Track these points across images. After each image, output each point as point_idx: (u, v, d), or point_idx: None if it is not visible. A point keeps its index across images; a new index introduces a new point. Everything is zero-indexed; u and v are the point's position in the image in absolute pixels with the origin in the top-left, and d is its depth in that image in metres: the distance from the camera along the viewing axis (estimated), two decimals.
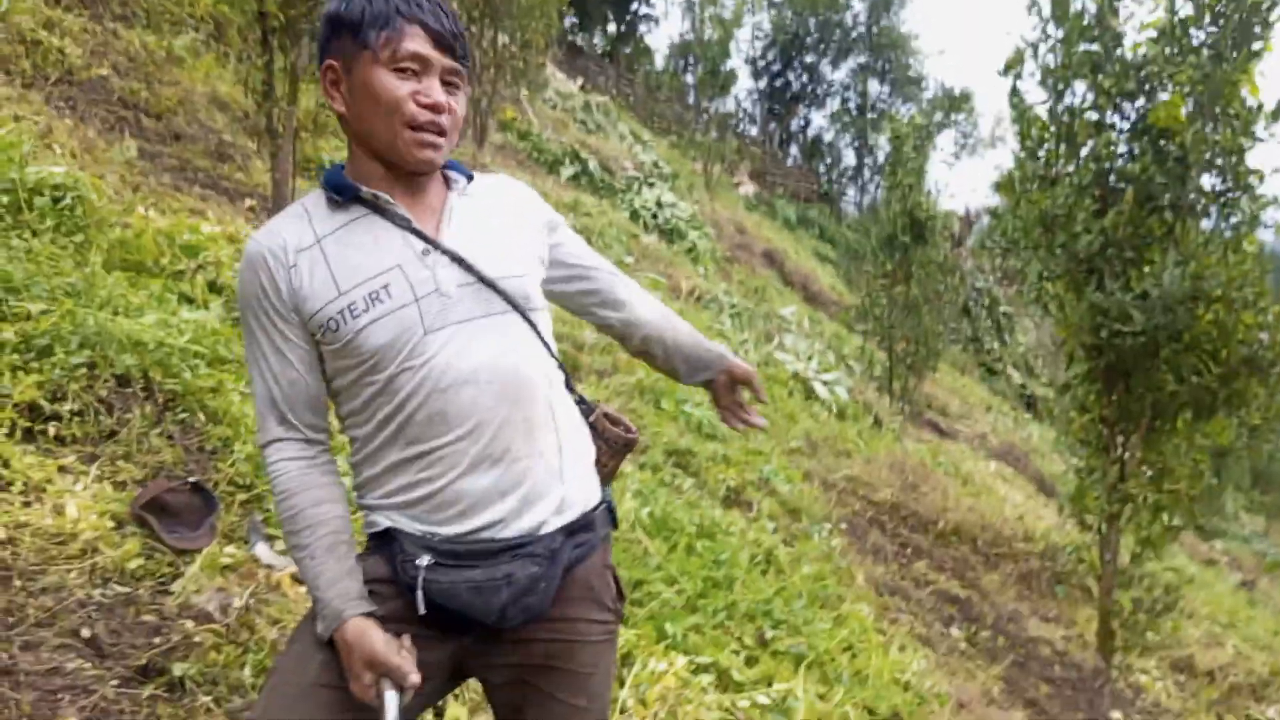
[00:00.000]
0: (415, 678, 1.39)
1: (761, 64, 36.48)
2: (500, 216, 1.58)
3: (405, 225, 1.48)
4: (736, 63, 33.13)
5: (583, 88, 21.85)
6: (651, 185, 15.58)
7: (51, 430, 2.99)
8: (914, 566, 6.96)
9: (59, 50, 6.74)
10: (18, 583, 2.43)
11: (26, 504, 2.67)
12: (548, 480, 1.50)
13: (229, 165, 7.11)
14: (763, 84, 36.76)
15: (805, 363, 10.50)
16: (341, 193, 1.49)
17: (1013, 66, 5.98)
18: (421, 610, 1.45)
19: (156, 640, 2.38)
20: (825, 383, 10.14)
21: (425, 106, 1.43)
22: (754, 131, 34.44)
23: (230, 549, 2.84)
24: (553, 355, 1.58)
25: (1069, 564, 8.12)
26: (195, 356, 3.50)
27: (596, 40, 30.96)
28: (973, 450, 12.73)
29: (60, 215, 4.02)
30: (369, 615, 1.43)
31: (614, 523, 1.66)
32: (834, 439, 8.57)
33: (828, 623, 4.27)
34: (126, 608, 2.48)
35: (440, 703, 2.51)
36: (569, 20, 25.56)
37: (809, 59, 36.60)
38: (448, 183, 1.57)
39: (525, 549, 1.46)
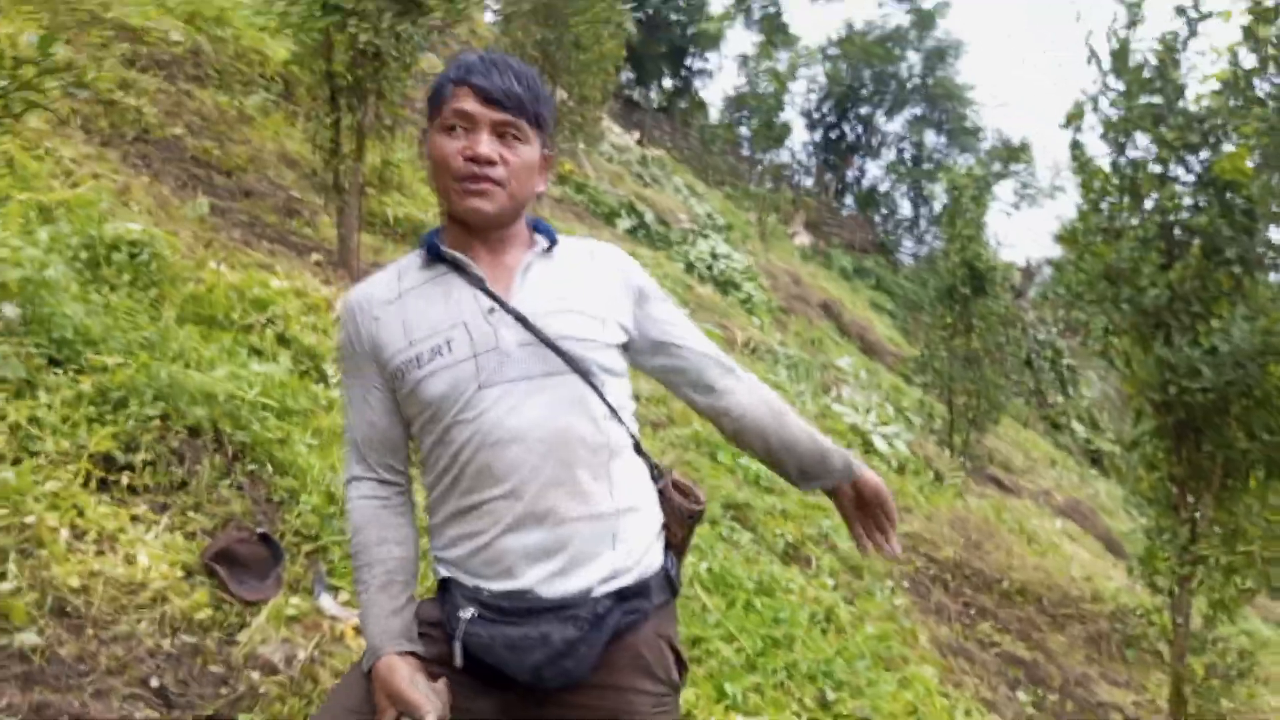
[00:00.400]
0: (431, 717, 1.39)
1: (816, 116, 36.66)
2: (580, 280, 1.60)
3: (478, 284, 1.54)
4: (791, 115, 33.29)
5: (639, 141, 22.14)
6: (706, 237, 15.67)
7: (125, 480, 3.06)
8: (978, 627, 6.79)
9: (136, 110, 7.02)
10: (90, 631, 2.48)
11: (99, 553, 2.74)
12: (596, 544, 1.49)
13: (297, 220, 7.30)
14: (818, 135, 36.93)
15: (864, 415, 10.39)
16: (430, 251, 1.59)
17: (1074, 119, 5.94)
18: (458, 662, 1.48)
19: (223, 691, 2.41)
20: (884, 436, 10.02)
21: (468, 159, 1.50)
22: (809, 183, 34.52)
23: (295, 600, 2.87)
24: (620, 420, 1.57)
25: (1139, 627, 7.84)
26: (264, 409, 3.57)
27: (652, 94, 31.41)
28: (1037, 507, 12.43)
29: (136, 270, 4.16)
30: (407, 654, 1.47)
31: (673, 590, 1.62)
32: (894, 494, 8.42)
33: (891, 685, 4.18)
34: (194, 658, 2.51)
35: None
36: (625, 75, 26.01)
37: (864, 110, 36.71)
38: (534, 244, 1.61)
39: (567, 611, 1.46)
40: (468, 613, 1.47)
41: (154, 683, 2.39)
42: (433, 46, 11.73)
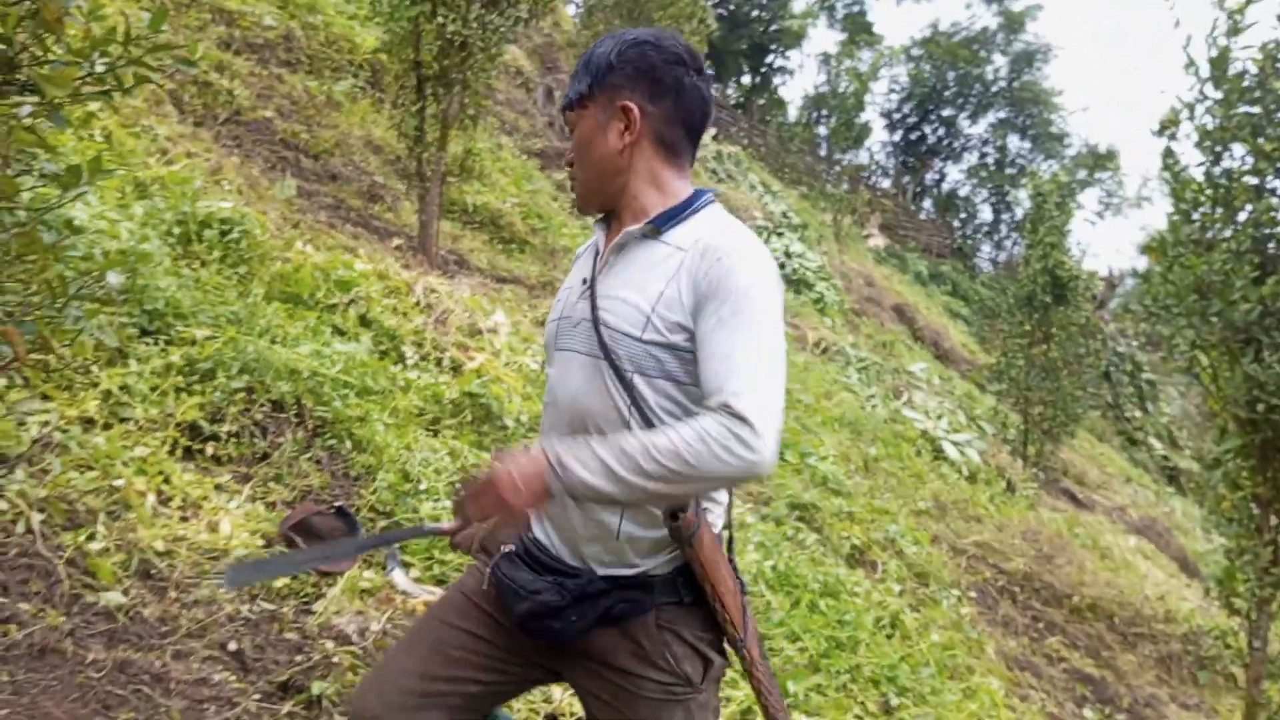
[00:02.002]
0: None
1: (897, 117, 36.14)
2: (654, 270, 1.54)
3: (596, 254, 1.65)
4: (871, 115, 32.86)
5: (715, 138, 22.06)
6: (780, 235, 15.56)
7: (210, 450, 3.15)
8: (1046, 641, 6.65)
9: (229, 92, 7.20)
10: (173, 594, 2.55)
11: (184, 518, 2.82)
12: (598, 529, 1.53)
13: (379, 205, 7.43)
14: (897, 137, 36.41)
15: (935, 421, 10.23)
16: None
17: (1168, 127, 5.76)
18: (484, 585, 1.63)
19: (297, 658, 2.47)
20: (956, 443, 9.85)
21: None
22: (886, 184, 34.04)
23: (369, 574, 2.92)
24: (649, 418, 1.50)
25: (1213, 649, 7.61)
26: (345, 386, 3.64)
27: (730, 91, 31.27)
28: (1111, 523, 12.12)
29: (226, 247, 4.27)
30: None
31: (682, 597, 1.56)
32: (964, 502, 8.29)
33: (956, 695, 4.11)
34: (271, 624, 2.58)
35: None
36: None
37: (946, 112, 36.07)
38: (659, 221, 1.59)
39: (563, 578, 1.55)
40: (507, 547, 1.60)
41: (232, 647, 2.46)
42: (515, 39, 11.84)
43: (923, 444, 9.46)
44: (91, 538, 2.53)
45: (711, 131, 22.84)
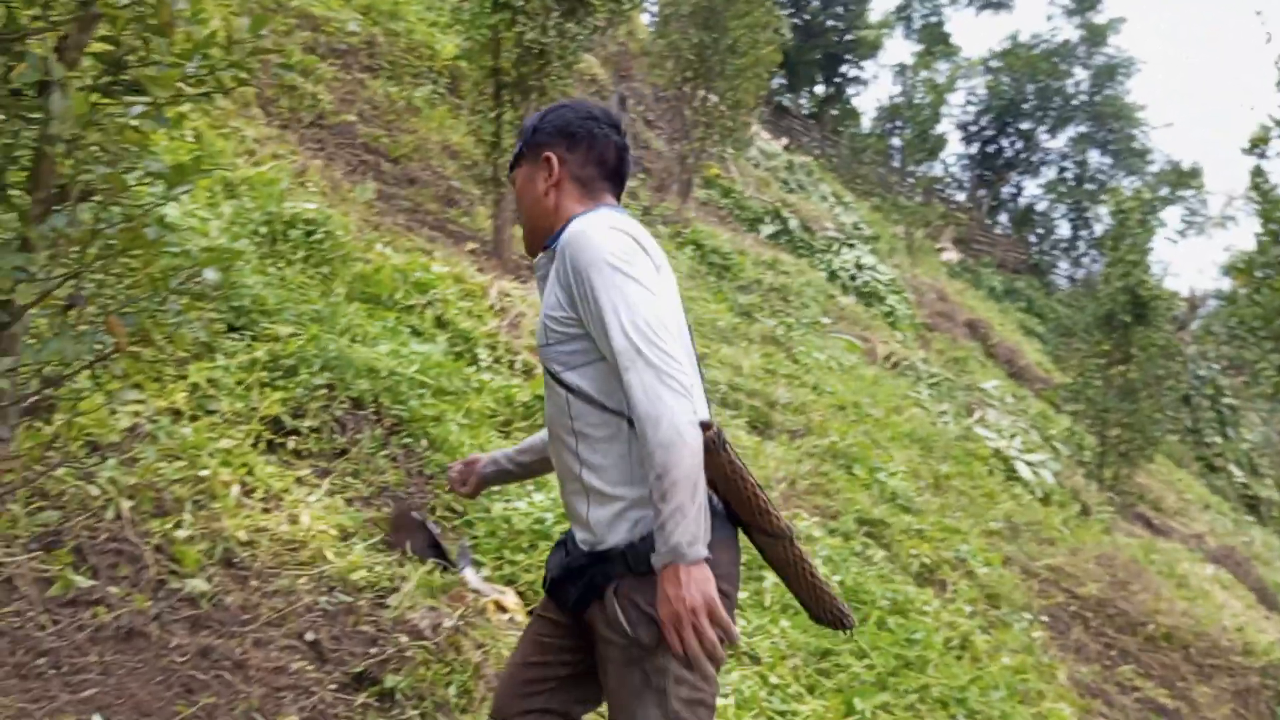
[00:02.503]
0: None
1: (974, 129, 35.53)
2: (549, 286, 1.78)
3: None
4: (947, 127, 32.44)
5: (787, 147, 21.96)
6: (852, 246, 15.41)
7: (291, 444, 3.23)
8: (1119, 669, 6.47)
9: (313, 96, 7.38)
10: (254, 583, 2.62)
11: (266, 510, 2.89)
12: (576, 508, 1.76)
13: (455, 210, 7.54)
14: (974, 149, 35.79)
15: (1008, 440, 10.03)
16: None
17: (1258, 144, 5.61)
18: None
19: (372, 650, 2.51)
20: (1030, 464, 9.64)
21: None
22: (961, 197, 33.52)
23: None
24: (589, 404, 1.70)
25: None
26: (421, 386, 3.71)
27: (803, 101, 31.10)
28: (1188, 550, 11.75)
29: (310, 248, 4.38)
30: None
31: (632, 567, 1.67)
32: (1037, 524, 8.11)
33: None
34: (347, 616, 2.63)
35: None
36: (777, 81, 25.83)
37: (1025, 125, 35.36)
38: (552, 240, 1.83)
39: (564, 550, 1.81)
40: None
41: (309, 637, 2.51)
42: (591, 47, 11.93)
43: (995, 463, 9.28)
44: (178, 526, 2.61)
45: (783, 141, 22.74)
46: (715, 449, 1.63)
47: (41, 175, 1.68)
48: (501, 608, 2.96)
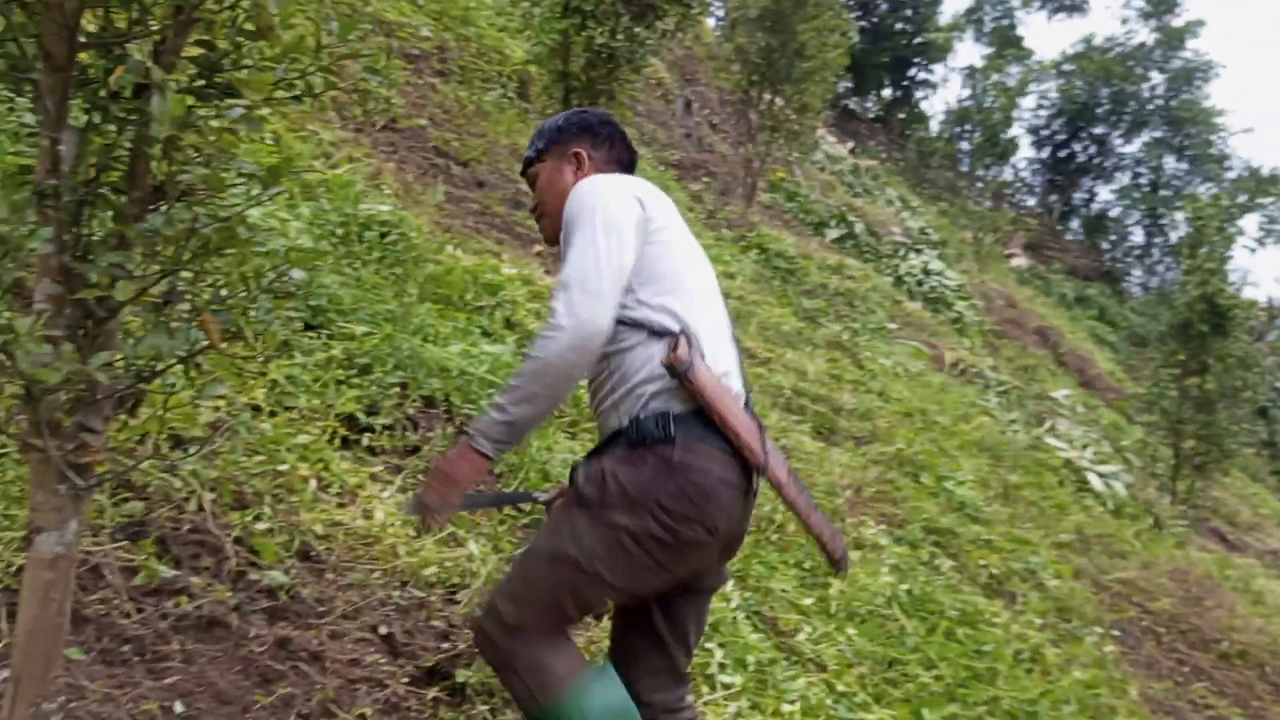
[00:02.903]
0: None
1: (1045, 133, 34.86)
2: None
3: None
4: (1018, 131, 31.81)
5: (853, 151, 21.77)
6: (919, 251, 15.22)
7: (365, 441, 3.29)
8: (1192, 687, 6.28)
9: (386, 100, 7.50)
10: (329, 576, 2.67)
11: (341, 505, 2.95)
12: (607, 429, 2.00)
13: (522, 213, 7.60)
14: (1045, 154, 35.11)
15: (1079, 451, 9.81)
16: None
17: None
18: None
19: (444, 646, 2.54)
20: (1101, 475, 9.42)
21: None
22: (1031, 202, 32.92)
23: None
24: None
25: None
26: (491, 386, 3.74)
27: (870, 104, 30.80)
28: (1264, 567, 11.38)
29: (385, 249, 4.45)
30: None
31: (630, 438, 1.91)
32: (1109, 537, 7.92)
33: None
34: (419, 611, 2.67)
35: None
36: (843, 84, 25.62)
37: (1098, 130, 34.60)
38: None
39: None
40: None
41: (382, 630, 2.55)
42: (658, 51, 11.97)
43: (1066, 474, 9.09)
44: (257, 518, 2.67)
45: (849, 144, 22.54)
46: (682, 374, 1.87)
47: (137, 175, 1.73)
48: None
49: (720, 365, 1.97)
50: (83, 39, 1.57)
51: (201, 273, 1.83)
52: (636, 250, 1.95)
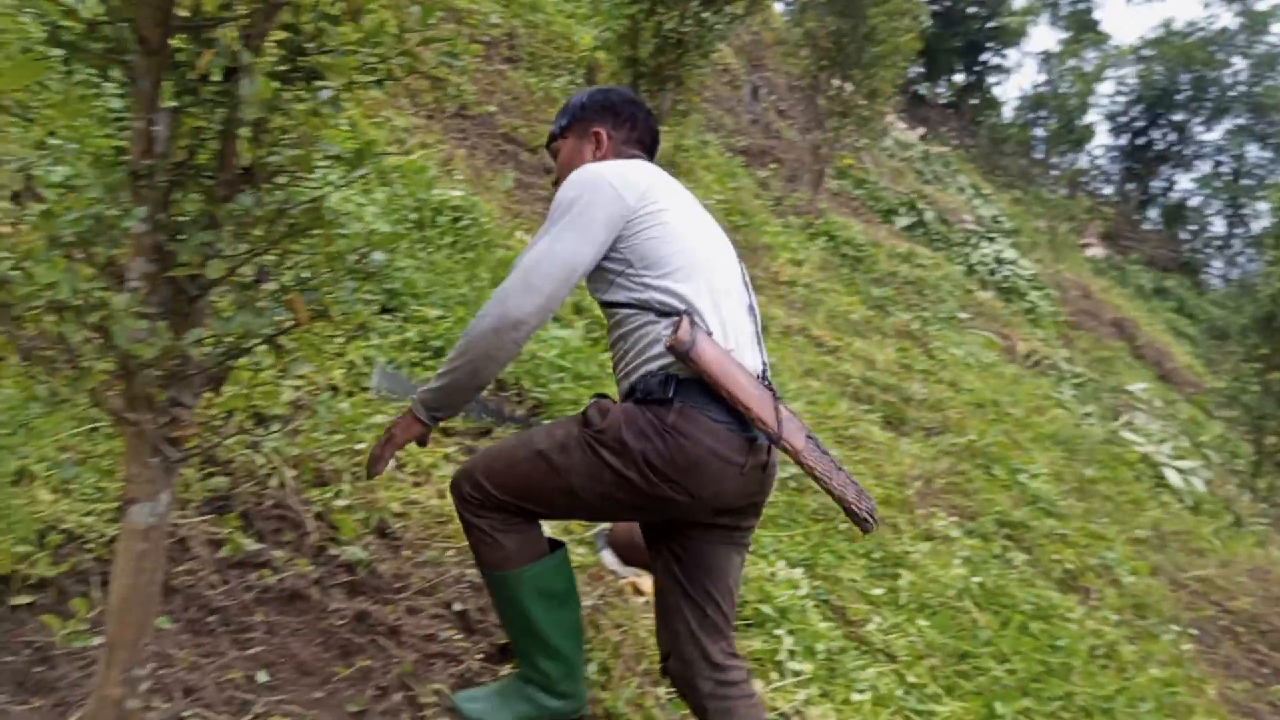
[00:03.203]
0: None
1: (1123, 120, 33.86)
2: None
3: None
4: (1094, 117, 31.02)
5: (923, 137, 21.42)
6: (991, 240, 14.92)
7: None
8: (1272, 688, 6.09)
9: (457, 87, 7.57)
10: (406, 553, 2.72)
11: (417, 484, 3.00)
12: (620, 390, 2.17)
13: None
14: (1123, 141, 34.12)
15: (1157, 446, 9.55)
16: None
17: None
18: None
19: None
20: (1180, 470, 9.16)
21: None
22: (1108, 191, 32.04)
23: (581, 550, 3.01)
24: (624, 308, 2.09)
25: None
26: (560, 370, 3.77)
27: (941, 89, 30.23)
28: None
29: (457, 234, 4.50)
30: None
31: (638, 394, 2.05)
32: (1186, 534, 7.71)
33: None
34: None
35: None
36: (914, 69, 25.18)
37: (1178, 117, 33.50)
38: None
39: None
40: None
41: (457, 607, 2.59)
42: (727, 36, 11.87)
43: (1143, 469, 8.85)
44: (337, 495, 2.73)
45: (919, 130, 22.16)
46: (683, 355, 1.93)
47: (226, 157, 1.77)
48: (638, 590, 3.00)
49: (731, 340, 2.05)
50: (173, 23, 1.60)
51: (286, 253, 1.87)
52: (601, 247, 2.04)
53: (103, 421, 2.51)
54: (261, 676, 2.17)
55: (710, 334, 2.00)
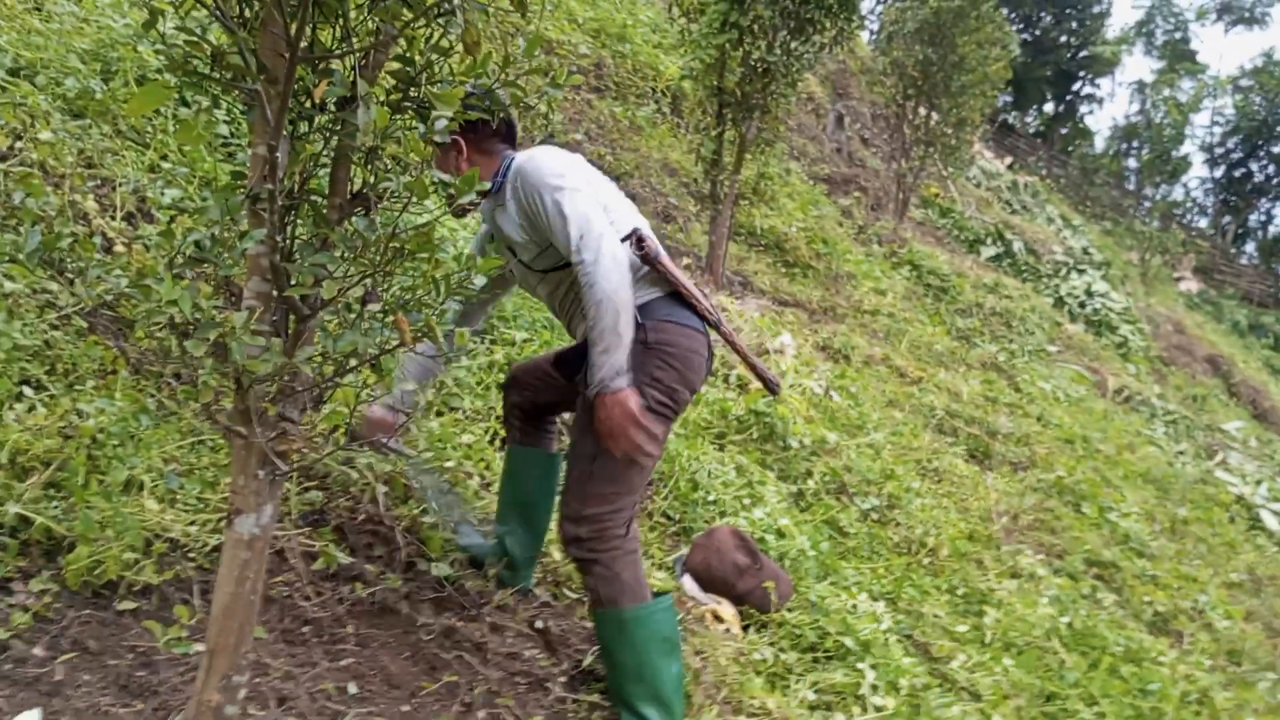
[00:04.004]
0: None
1: (1219, 151, 32.89)
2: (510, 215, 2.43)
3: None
4: (1189, 148, 30.14)
5: (1010, 167, 21.06)
6: (1081, 272, 14.58)
7: None
8: None
9: (545, 116, 7.70)
10: (490, 571, 2.76)
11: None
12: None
13: (672, 226, 7.68)
14: (1219, 173, 33.12)
15: (1253, 487, 9.19)
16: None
17: None
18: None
19: (596, 647, 2.59)
20: (1276, 513, 8.80)
21: None
22: (1203, 223, 31.09)
23: (660, 574, 3.02)
24: (562, 269, 2.39)
25: None
26: None
27: (1030, 119, 29.74)
28: None
29: None
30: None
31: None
32: None
33: None
34: (573, 611, 2.73)
35: None
36: (1002, 98, 24.81)
37: (1278, 149, 32.41)
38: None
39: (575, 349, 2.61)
40: None
41: (539, 625, 2.62)
42: (813, 65, 11.88)
43: (1237, 510, 8.52)
44: (424, 511, 2.79)
45: (1006, 160, 21.80)
46: (654, 260, 2.29)
47: (338, 182, 1.83)
48: (718, 617, 2.99)
49: (663, 251, 2.38)
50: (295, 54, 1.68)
51: (390, 275, 1.93)
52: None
53: (207, 434, 2.61)
54: (352, 688, 2.22)
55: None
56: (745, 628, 3.04)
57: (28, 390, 2.39)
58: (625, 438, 2.17)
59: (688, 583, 3.10)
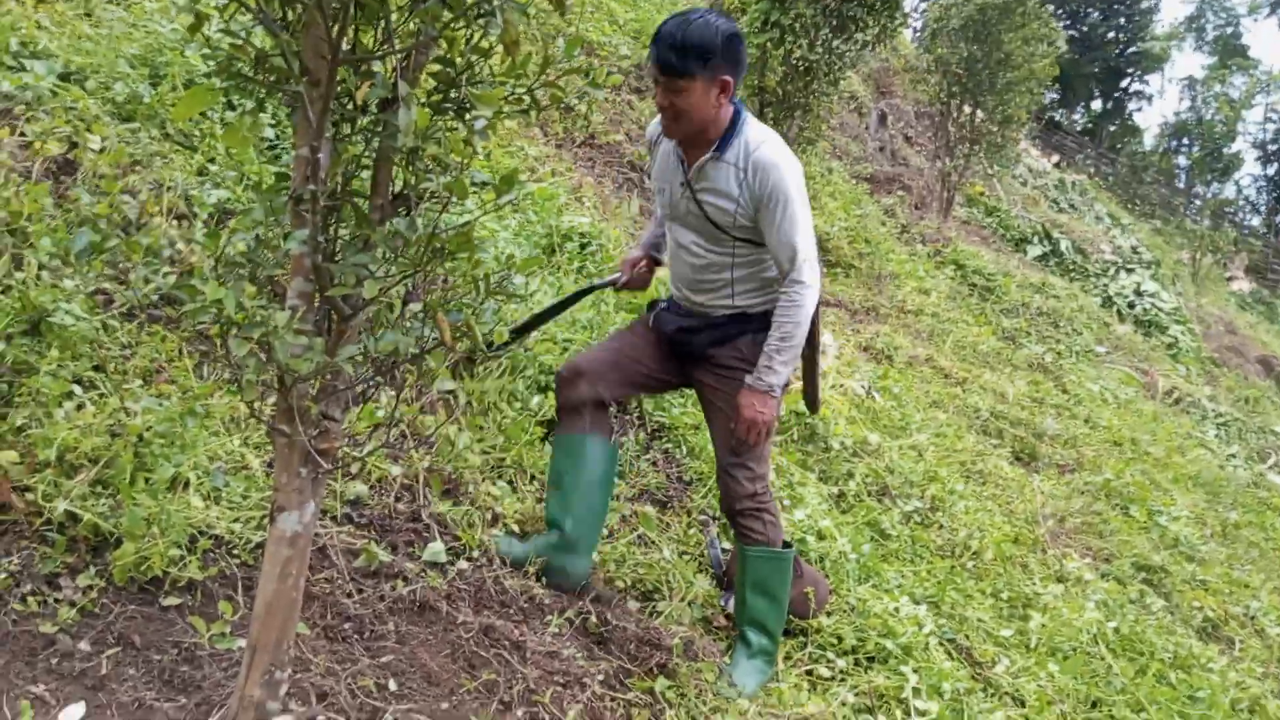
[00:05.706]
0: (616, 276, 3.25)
1: (1273, 148, 32.15)
2: (727, 178, 2.59)
3: (680, 163, 2.66)
4: (1242, 145, 29.50)
5: (1057, 165, 20.75)
6: (1130, 271, 14.33)
7: None
8: None
9: (585, 117, 7.71)
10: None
11: (539, 500, 3.05)
12: (715, 300, 2.79)
13: None
14: (1272, 170, 32.38)
15: None
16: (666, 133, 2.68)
17: None
18: (649, 322, 3.00)
19: (637, 648, 2.59)
20: None
21: (658, 106, 2.53)
22: (1256, 222, 30.40)
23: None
24: (728, 257, 2.71)
25: None
26: (683, 395, 3.79)
27: (1077, 116, 29.29)
28: None
29: (584, 259, 4.58)
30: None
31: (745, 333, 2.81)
32: None
33: None
34: (614, 611, 2.73)
35: None
36: (1049, 95, 24.46)
37: None
38: (719, 148, 2.58)
39: (694, 316, 2.86)
40: (663, 303, 2.93)
41: (579, 625, 2.62)
42: (855, 64, 11.78)
43: None
44: (465, 510, 2.80)
45: (1053, 158, 21.48)
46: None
47: (380, 183, 1.85)
48: None
49: None
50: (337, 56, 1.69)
51: (431, 275, 1.94)
52: None
53: (250, 433, 2.65)
54: (392, 685, 2.24)
55: None
56: (786, 633, 3.02)
57: (77, 389, 2.44)
58: (765, 429, 2.66)
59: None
